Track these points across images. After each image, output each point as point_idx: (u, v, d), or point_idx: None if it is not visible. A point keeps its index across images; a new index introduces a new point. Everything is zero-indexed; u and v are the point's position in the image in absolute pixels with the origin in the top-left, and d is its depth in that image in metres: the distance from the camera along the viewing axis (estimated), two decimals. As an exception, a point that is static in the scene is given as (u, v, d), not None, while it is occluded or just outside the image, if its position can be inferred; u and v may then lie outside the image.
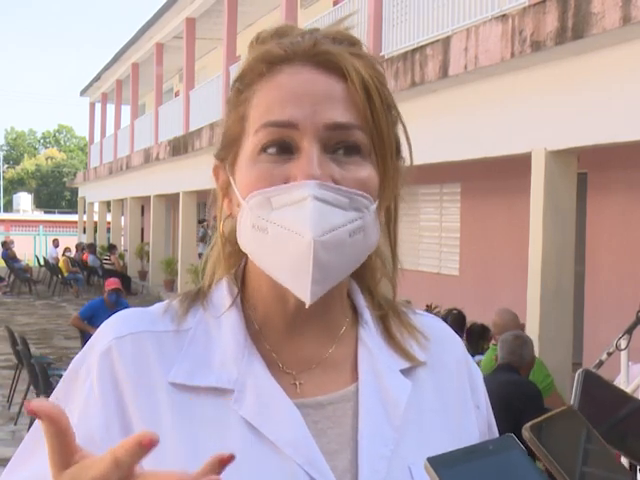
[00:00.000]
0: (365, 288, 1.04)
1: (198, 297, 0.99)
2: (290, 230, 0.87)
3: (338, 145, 0.91)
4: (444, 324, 1.09)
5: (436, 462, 0.65)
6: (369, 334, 1.00)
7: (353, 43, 0.95)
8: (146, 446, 0.62)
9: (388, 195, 0.96)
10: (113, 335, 0.94)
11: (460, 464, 0.65)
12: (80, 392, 0.93)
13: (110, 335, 0.94)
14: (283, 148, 0.90)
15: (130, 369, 0.92)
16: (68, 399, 0.94)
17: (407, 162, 1.00)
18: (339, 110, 0.90)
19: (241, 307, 0.98)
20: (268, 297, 0.96)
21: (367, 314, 1.01)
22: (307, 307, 0.89)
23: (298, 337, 0.97)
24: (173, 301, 1.00)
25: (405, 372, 0.98)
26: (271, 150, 0.90)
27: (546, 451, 0.68)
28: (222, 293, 0.99)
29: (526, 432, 0.69)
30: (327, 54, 0.92)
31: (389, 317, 1.02)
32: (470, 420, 1.01)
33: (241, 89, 0.95)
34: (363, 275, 1.02)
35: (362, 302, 1.02)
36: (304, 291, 0.87)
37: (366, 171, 0.92)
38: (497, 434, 1.05)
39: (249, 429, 0.90)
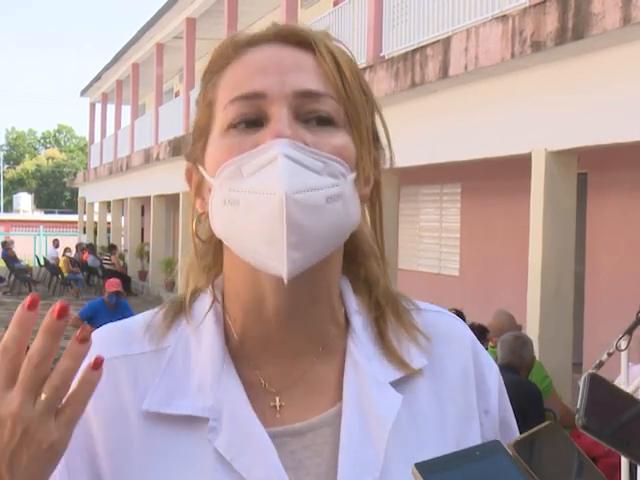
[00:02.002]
0: (361, 287, 0.97)
1: (182, 310, 0.94)
2: (261, 193, 0.81)
3: (310, 114, 0.86)
4: (453, 320, 1.01)
5: (423, 468, 0.66)
6: (358, 344, 0.92)
7: (322, 33, 0.93)
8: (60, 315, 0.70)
9: (366, 169, 0.89)
10: (86, 362, 0.90)
11: (447, 470, 0.66)
12: None
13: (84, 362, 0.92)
14: (252, 122, 0.86)
15: (101, 400, 0.87)
16: None
17: (387, 157, 0.96)
18: (309, 78, 0.87)
19: (222, 320, 0.92)
20: (247, 300, 0.90)
21: (357, 320, 0.94)
22: (286, 281, 0.81)
23: (280, 348, 0.91)
24: (158, 313, 0.95)
25: (398, 383, 0.91)
26: (241, 125, 0.86)
27: (530, 468, 0.68)
28: (203, 306, 0.93)
29: (510, 449, 0.69)
30: (293, 29, 0.90)
31: (386, 318, 0.95)
32: (472, 429, 0.94)
33: (208, 79, 0.92)
34: (358, 273, 0.97)
35: (353, 305, 0.95)
36: (280, 259, 0.80)
37: (340, 139, 0.87)
38: (516, 431, 1.01)
39: (221, 462, 0.85)
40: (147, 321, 0.94)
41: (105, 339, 0.93)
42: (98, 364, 0.76)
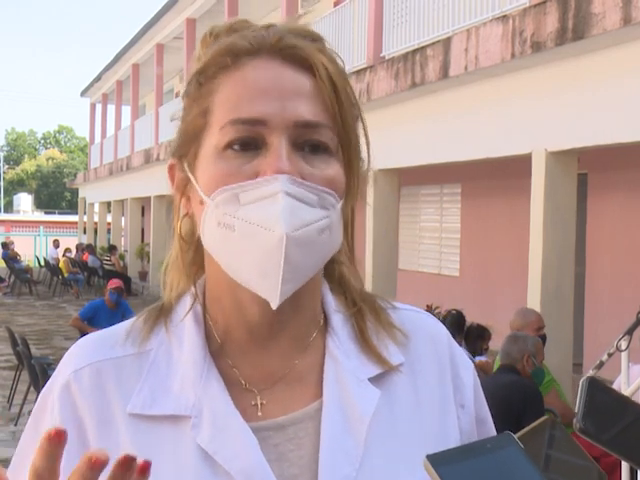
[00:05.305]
0: (336, 286, 0.99)
1: (162, 313, 0.96)
2: (260, 226, 0.83)
3: (306, 142, 0.88)
4: (428, 317, 1.03)
5: (435, 460, 0.67)
6: (337, 341, 0.95)
7: (316, 39, 0.92)
8: (95, 465, 0.64)
9: (354, 194, 0.93)
10: (73, 367, 0.93)
11: (459, 462, 0.67)
12: (44, 425, 0.92)
13: (70, 367, 0.93)
14: (249, 144, 0.87)
15: (89, 403, 0.91)
16: (38, 431, 0.93)
17: (365, 163, 0.95)
18: (308, 107, 0.87)
19: (203, 321, 0.94)
20: (227, 307, 0.92)
21: (336, 318, 0.96)
22: (275, 309, 0.85)
23: (261, 350, 0.93)
24: (139, 319, 0.97)
25: (377, 379, 0.93)
26: (237, 146, 0.87)
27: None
28: (184, 308, 0.95)
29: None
30: (294, 48, 0.89)
31: (365, 315, 0.97)
32: (450, 423, 0.96)
33: (202, 82, 0.91)
34: (333, 273, 0.99)
35: (332, 304, 0.97)
36: (273, 291, 0.84)
37: (333, 169, 0.89)
38: (492, 428, 1.02)
39: (204, 457, 0.87)
40: (128, 327, 0.96)
41: (88, 346, 0.95)
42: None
